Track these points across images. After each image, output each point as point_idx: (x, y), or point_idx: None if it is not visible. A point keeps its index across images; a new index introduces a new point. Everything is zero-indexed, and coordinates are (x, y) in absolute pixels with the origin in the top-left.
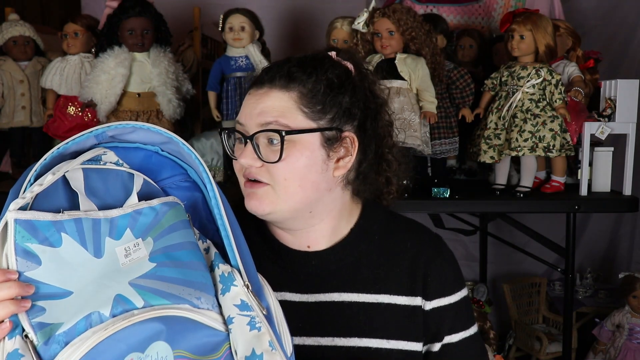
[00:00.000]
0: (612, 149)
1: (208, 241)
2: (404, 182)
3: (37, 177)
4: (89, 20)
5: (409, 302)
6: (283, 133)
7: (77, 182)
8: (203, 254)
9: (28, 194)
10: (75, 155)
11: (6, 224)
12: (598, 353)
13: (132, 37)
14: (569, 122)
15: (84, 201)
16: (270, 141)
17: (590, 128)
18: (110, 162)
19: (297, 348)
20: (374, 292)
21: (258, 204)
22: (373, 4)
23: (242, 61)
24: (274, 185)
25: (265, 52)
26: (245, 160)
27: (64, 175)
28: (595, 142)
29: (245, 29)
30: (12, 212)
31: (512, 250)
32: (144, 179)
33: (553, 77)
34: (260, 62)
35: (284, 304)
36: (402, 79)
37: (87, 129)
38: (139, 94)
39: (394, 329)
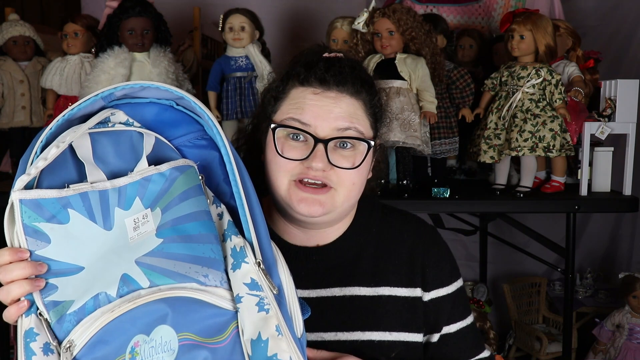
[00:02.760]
0: (612, 149)
1: (222, 206)
2: (404, 182)
3: (44, 148)
4: (89, 20)
5: (409, 294)
6: (372, 143)
7: (84, 150)
8: (215, 223)
9: (33, 169)
10: (83, 120)
11: (12, 205)
12: (598, 353)
13: (132, 37)
14: (569, 122)
15: (91, 171)
16: (342, 145)
17: (590, 128)
18: (120, 123)
19: None
20: (374, 284)
21: (319, 208)
22: (373, 4)
23: (242, 61)
24: (339, 188)
25: (265, 52)
26: (320, 164)
27: (70, 144)
28: (595, 142)
29: (245, 29)
30: (17, 192)
31: (512, 250)
32: (155, 137)
33: (553, 77)
34: (260, 62)
35: None
36: (402, 79)
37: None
38: None
39: (396, 321)
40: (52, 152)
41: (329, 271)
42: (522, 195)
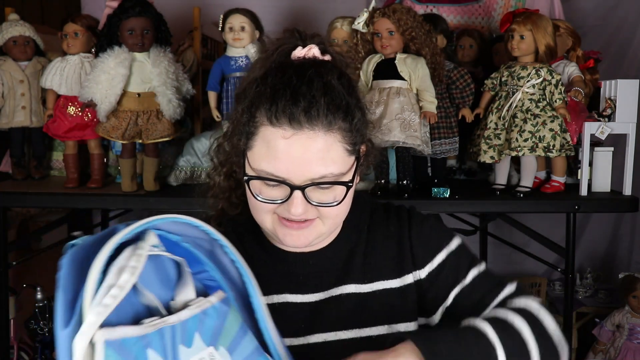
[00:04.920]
0: (612, 149)
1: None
2: (404, 182)
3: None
4: (89, 20)
5: (401, 284)
6: (350, 185)
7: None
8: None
9: (109, 299)
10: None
11: (92, 346)
12: (598, 353)
13: (132, 37)
14: (569, 122)
15: (150, 299)
16: (320, 185)
17: (590, 128)
18: (153, 246)
19: (301, 347)
20: (367, 281)
21: (305, 240)
22: (373, 4)
23: (242, 61)
24: (323, 219)
25: None
26: (299, 210)
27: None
28: (595, 142)
29: (245, 29)
30: (101, 332)
31: (512, 250)
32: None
33: (553, 77)
34: None
35: (286, 306)
36: (402, 79)
37: (87, 129)
38: (139, 94)
39: (393, 313)
40: (125, 277)
41: (326, 273)
42: (522, 195)
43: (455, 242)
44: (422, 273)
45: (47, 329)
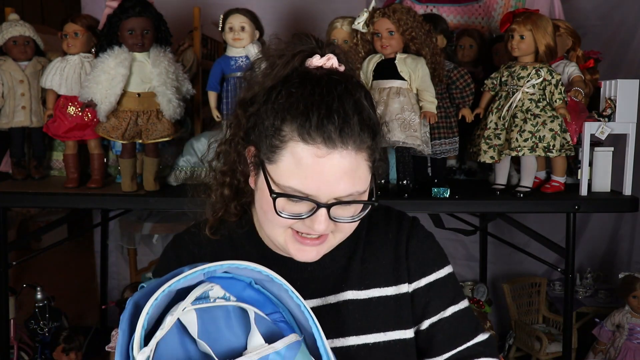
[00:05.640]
0: (612, 149)
1: None
2: (404, 182)
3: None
4: (89, 20)
5: (397, 291)
6: (376, 204)
7: (192, 326)
8: None
9: (153, 340)
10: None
11: None
12: (598, 353)
13: (132, 37)
14: (569, 122)
15: (204, 349)
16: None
17: (590, 128)
18: (219, 298)
19: None
20: (364, 287)
21: (316, 255)
22: (373, 4)
23: (242, 61)
24: (335, 232)
25: None
26: (322, 227)
27: (179, 320)
28: (595, 142)
29: (245, 29)
30: None
31: (512, 250)
32: (255, 312)
33: (553, 77)
34: None
35: None
36: (402, 79)
37: (87, 129)
38: (139, 94)
39: (388, 321)
40: (168, 320)
41: (323, 279)
42: (522, 195)
43: (447, 270)
44: (410, 287)
45: (47, 329)
